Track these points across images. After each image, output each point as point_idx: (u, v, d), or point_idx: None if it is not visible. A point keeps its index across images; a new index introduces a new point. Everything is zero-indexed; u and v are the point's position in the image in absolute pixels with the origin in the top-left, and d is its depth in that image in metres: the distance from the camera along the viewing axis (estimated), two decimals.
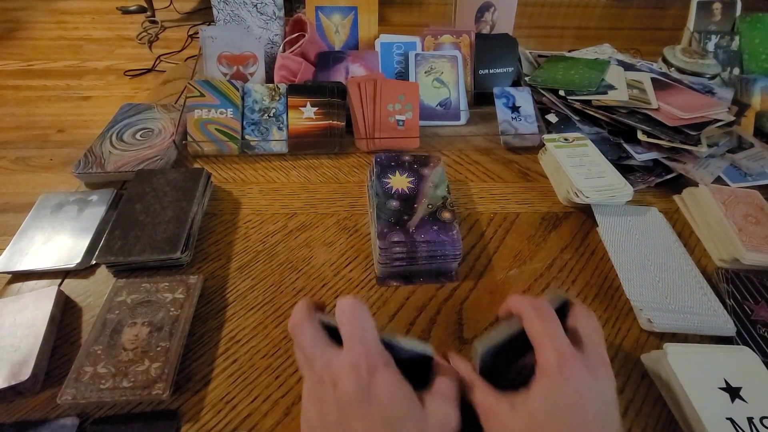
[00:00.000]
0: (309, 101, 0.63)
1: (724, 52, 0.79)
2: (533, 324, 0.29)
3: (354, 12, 0.74)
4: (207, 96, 0.62)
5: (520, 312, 0.31)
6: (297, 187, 0.57)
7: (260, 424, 0.34)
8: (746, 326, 0.40)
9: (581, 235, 0.51)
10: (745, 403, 0.33)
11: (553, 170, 0.58)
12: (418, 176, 0.50)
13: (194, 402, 0.36)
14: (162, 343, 0.37)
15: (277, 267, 0.46)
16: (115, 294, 0.41)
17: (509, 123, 0.65)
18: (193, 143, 0.60)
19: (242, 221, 0.52)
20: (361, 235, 0.50)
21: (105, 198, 0.52)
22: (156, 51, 1.26)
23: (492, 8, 0.79)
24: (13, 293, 0.43)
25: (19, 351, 0.36)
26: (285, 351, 0.39)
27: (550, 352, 0.27)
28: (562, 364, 0.26)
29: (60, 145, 0.80)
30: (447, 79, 0.69)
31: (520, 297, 0.32)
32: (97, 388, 0.34)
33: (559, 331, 0.29)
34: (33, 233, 0.48)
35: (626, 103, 0.62)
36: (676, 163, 0.58)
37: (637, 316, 0.42)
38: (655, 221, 0.51)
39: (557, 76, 0.70)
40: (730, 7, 0.82)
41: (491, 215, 0.54)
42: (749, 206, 0.50)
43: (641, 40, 1.12)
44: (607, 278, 0.46)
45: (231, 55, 0.68)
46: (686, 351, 0.37)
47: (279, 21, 0.73)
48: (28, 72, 1.15)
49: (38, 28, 1.41)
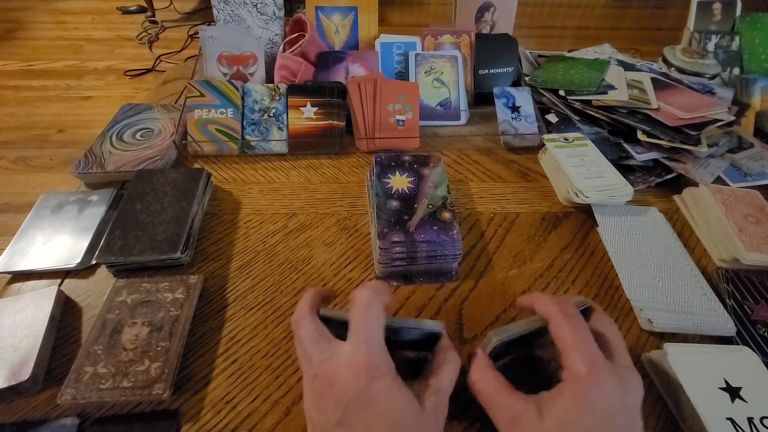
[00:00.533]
0: (309, 101, 0.63)
1: (724, 52, 0.79)
2: (563, 329, 0.29)
3: (354, 12, 0.74)
4: (207, 96, 0.62)
5: (547, 314, 0.30)
6: (297, 187, 0.57)
7: (260, 424, 0.34)
8: (746, 326, 0.40)
9: (581, 235, 0.51)
10: (746, 403, 0.33)
11: (553, 170, 0.58)
12: (418, 176, 0.50)
13: (194, 402, 0.36)
14: (162, 343, 0.37)
15: (277, 267, 0.46)
16: (115, 294, 0.41)
17: (509, 123, 0.65)
18: (193, 143, 0.60)
19: (242, 221, 0.52)
20: (361, 235, 0.50)
21: (105, 198, 0.52)
22: (156, 51, 1.26)
23: (492, 8, 0.79)
24: (13, 293, 0.43)
25: (19, 351, 0.36)
26: (285, 351, 0.39)
27: (583, 360, 0.27)
28: (595, 373, 0.26)
29: (60, 145, 0.80)
30: (447, 79, 0.69)
31: (548, 298, 0.31)
32: (97, 388, 0.34)
33: (590, 338, 0.28)
34: (33, 233, 0.48)
35: (626, 103, 0.62)
36: (676, 163, 0.58)
37: (637, 316, 0.42)
38: (655, 221, 0.51)
39: (557, 76, 0.70)
40: (730, 7, 0.82)
41: (491, 215, 0.53)
42: (749, 206, 0.50)
43: (641, 40, 1.12)
44: (607, 278, 0.46)
45: (231, 55, 0.68)
46: (686, 351, 0.37)
47: (279, 21, 0.73)
48: (28, 72, 1.15)
49: (38, 28, 1.41)
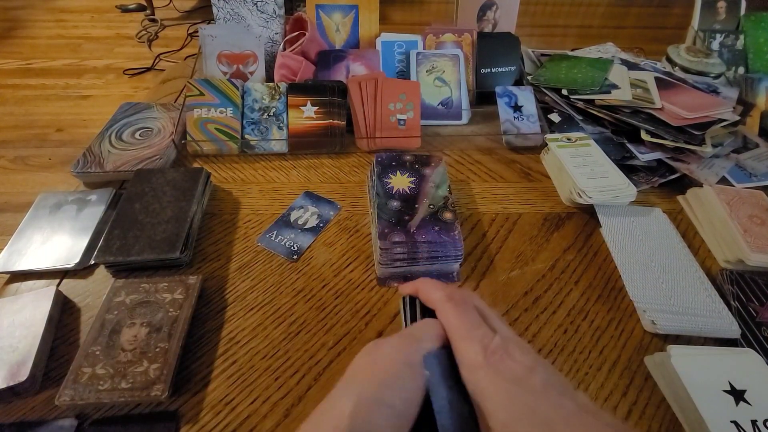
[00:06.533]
0: (309, 100, 0.62)
1: (728, 50, 0.79)
2: (449, 317, 0.26)
3: (355, 10, 0.74)
4: (206, 95, 0.61)
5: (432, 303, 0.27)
6: (297, 187, 0.56)
7: (260, 425, 0.34)
8: (751, 328, 0.40)
9: (584, 235, 0.51)
10: (750, 405, 0.33)
11: (556, 170, 0.58)
12: (419, 176, 0.50)
13: (193, 403, 0.35)
14: (161, 344, 0.37)
15: (277, 267, 0.46)
16: (113, 294, 0.41)
17: (511, 122, 0.64)
18: (193, 143, 0.60)
19: (242, 221, 0.51)
20: (361, 236, 0.50)
21: (104, 197, 0.51)
22: (155, 50, 1.26)
23: (494, 6, 0.79)
24: (11, 293, 0.43)
25: (18, 351, 0.36)
26: (285, 352, 0.39)
27: (474, 348, 0.24)
28: (491, 358, 0.23)
29: (59, 145, 0.80)
30: (448, 78, 0.69)
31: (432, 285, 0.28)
32: (96, 389, 0.33)
33: (478, 321, 0.26)
34: (31, 233, 0.47)
35: (630, 102, 0.62)
36: (680, 163, 0.57)
37: (640, 318, 0.42)
38: (659, 222, 0.51)
39: (560, 75, 0.69)
40: (734, 6, 0.82)
41: (493, 215, 0.53)
42: (754, 207, 0.50)
43: (645, 38, 1.11)
44: (611, 279, 0.46)
45: (231, 54, 0.68)
46: (690, 353, 0.37)
47: (279, 19, 0.73)
48: (27, 71, 1.15)
49: (37, 26, 1.40)
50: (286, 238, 0.49)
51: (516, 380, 0.23)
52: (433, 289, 0.28)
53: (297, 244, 0.48)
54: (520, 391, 0.22)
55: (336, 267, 0.46)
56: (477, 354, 0.24)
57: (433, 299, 0.27)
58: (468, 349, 0.24)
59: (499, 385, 0.23)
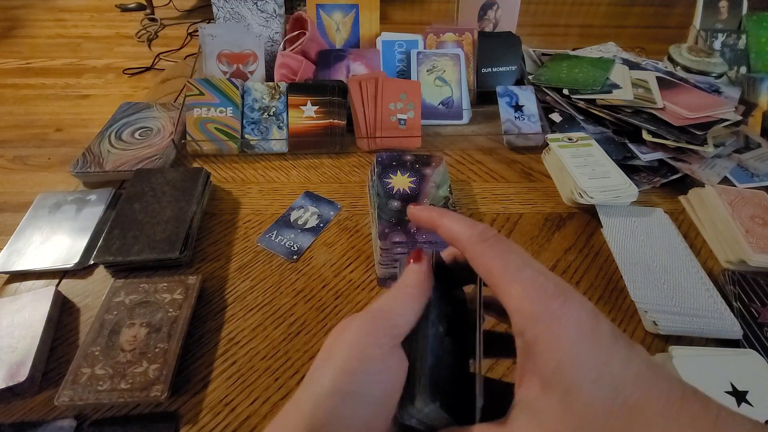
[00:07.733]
0: (309, 100, 0.62)
1: (730, 50, 0.79)
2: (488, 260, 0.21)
3: (355, 10, 0.74)
4: (206, 95, 0.61)
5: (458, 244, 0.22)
6: (297, 187, 0.56)
7: (259, 426, 0.34)
8: (753, 329, 0.40)
9: (585, 236, 0.51)
10: (752, 407, 0.32)
11: (557, 170, 0.58)
12: (419, 176, 0.49)
13: (193, 404, 0.35)
14: (160, 345, 0.36)
15: (277, 267, 0.46)
16: (113, 294, 0.40)
17: (512, 122, 0.64)
18: (193, 142, 0.60)
19: (242, 221, 0.51)
20: (361, 236, 0.50)
21: (103, 197, 0.51)
22: (155, 49, 1.25)
23: (495, 6, 0.78)
24: (10, 293, 0.43)
25: (17, 352, 0.36)
26: (285, 353, 0.39)
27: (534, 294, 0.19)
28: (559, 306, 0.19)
29: (58, 144, 0.79)
30: (449, 78, 0.68)
31: (456, 218, 0.23)
32: (95, 389, 0.33)
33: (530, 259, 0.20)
34: (31, 233, 0.47)
35: (631, 102, 0.61)
36: (681, 163, 0.57)
37: (642, 318, 0.41)
38: (661, 222, 0.51)
39: (561, 75, 0.69)
40: (736, 5, 0.82)
41: (494, 216, 0.53)
42: (756, 207, 0.50)
43: (646, 38, 1.11)
44: (612, 280, 0.45)
45: (231, 53, 0.67)
46: (691, 354, 0.37)
47: (279, 19, 0.73)
48: (27, 70, 1.14)
49: (37, 26, 1.40)
50: (286, 238, 0.49)
51: (585, 332, 0.18)
52: (459, 225, 0.22)
53: (297, 245, 0.48)
54: (590, 344, 0.18)
55: (336, 267, 0.46)
56: (535, 301, 0.19)
57: (461, 239, 0.22)
58: (523, 296, 0.19)
59: (567, 338, 0.18)
